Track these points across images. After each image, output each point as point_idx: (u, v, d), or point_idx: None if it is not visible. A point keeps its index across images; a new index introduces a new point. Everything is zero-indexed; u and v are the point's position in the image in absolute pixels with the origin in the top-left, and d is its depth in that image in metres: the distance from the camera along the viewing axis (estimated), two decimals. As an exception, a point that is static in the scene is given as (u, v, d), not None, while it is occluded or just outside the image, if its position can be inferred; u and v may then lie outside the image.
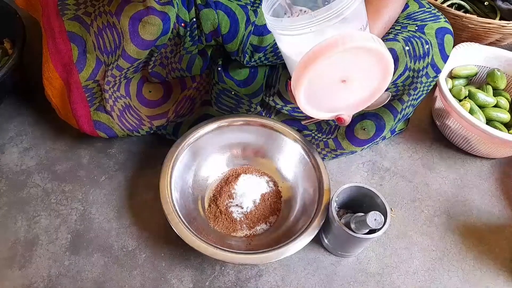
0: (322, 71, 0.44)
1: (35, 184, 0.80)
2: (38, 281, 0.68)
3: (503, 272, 0.73)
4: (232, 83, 0.73)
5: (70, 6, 0.66)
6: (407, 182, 0.85)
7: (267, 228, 0.73)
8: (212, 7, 0.66)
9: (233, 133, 0.78)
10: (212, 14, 0.65)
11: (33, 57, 0.89)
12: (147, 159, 0.85)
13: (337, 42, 0.42)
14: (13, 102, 0.92)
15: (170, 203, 0.66)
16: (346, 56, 0.43)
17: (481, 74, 0.98)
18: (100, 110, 0.74)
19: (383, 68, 0.47)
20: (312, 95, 0.49)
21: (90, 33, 0.67)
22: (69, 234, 0.73)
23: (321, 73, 0.44)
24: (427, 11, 0.75)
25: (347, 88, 0.49)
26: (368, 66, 0.47)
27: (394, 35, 0.71)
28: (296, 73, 0.45)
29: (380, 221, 0.59)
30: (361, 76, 0.48)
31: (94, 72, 0.70)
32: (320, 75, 0.44)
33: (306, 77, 0.44)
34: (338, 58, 0.43)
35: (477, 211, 0.81)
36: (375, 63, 0.46)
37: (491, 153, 0.86)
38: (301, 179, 0.76)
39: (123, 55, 0.66)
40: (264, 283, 0.69)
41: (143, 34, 0.64)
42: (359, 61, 0.45)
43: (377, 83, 0.49)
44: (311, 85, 0.46)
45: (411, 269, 0.73)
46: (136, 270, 0.70)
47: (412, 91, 0.73)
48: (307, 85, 0.46)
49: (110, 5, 0.65)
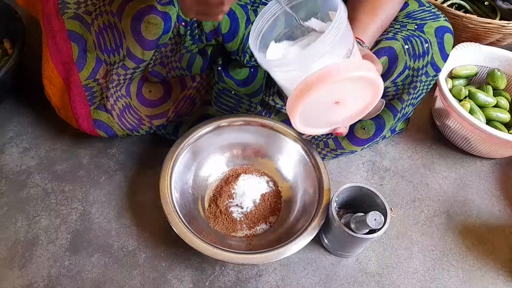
0: (315, 99, 0.45)
1: (35, 184, 0.80)
2: (38, 281, 0.68)
3: (503, 272, 0.73)
4: (232, 82, 0.73)
5: (70, 4, 0.66)
6: (407, 182, 0.85)
7: (267, 228, 0.73)
8: (212, 6, 0.66)
9: (233, 133, 0.78)
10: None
11: (33, 57, 0.89)
12: (147, 159, 0.85)
13: (328, 74, 0.43)
14: (13, 102, 0.92)
15: (170, 203, 0.66)
16: (338, 84, 0.45)
17: (481, 74, 0.98)
18: (100, 108, 0.74)
19: (374, 88, 0.49)
20: (308, 117, 0.50)
21: (91, 32, 0.67)
22: (69, 234, 0.73)
23: (315, 100, 0.46)
24: (426, 10, 0.75)
25: (341, 107, 0.50)
26: (360, 88, 0.48)
27: (394, 34, 0.71)
28: (290, 103, 0.47)
29: (380, 221, 0.59)
30: (354, 96, 0.50)
31: (94, 71, 0.70)
32: (313, 102, 0.46)
33: (299, 106, 0.46)
34: (330, 87, 0.44)
35: (477, 211, 0.81)
36: (366, 85, 0.48)
37: (491, 153, 0.86)
38: (301, 179, 0.76)
39: (128, 56, 0.66)
40: (264, 283, 0.69)
41: (146, 35, 0.64)
42: (350, 86, 0.47)
43: (370, 99, 0.51)
44: (305, 110, 0.47)
45: (411, 269, 0.73)
46: (136, 270, 0.70)
47: (412, 90, 0.73)
48: (302, 111, 0.47)
49: (111, 5, 0.65)
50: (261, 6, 0.68)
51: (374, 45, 0.70)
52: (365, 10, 0.68)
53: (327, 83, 0.43)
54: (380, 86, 0.48)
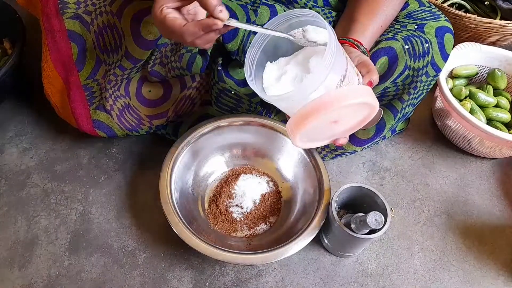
0: (314, 125, 0.47)
1: (35, 184, 0.80)
2: (37, 281, 0.68)
3: (503, 272, 0.73)
4: (232, 82, 0.73)
5: (70, 4, 0.66)
6: (407, 182, 0.85)
7: (267, 228, 0.73)
8: (212, 6, 0.66)
9: (233, 133, 0.78)
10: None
11: (33, 57, 0.89)
12: (147, 159, 0.85)
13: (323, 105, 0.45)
14: (13, 102, 0.92)
15: (170, 203, 0.66)
16: (334, 111, 0.46)
17: (481, 74, 0.98)
18: (99, 109, 0.74)
19: (370, 107, 0.50)
20: (307, 137, 0.52)
21: (90, 32, 0.67)
22: (68, 234, 0.73)
23: (312, 126, 0.47)
24: (427, 10, 0.75)
25: (339, 125, 0.52)
26: (356, 109, 0.50)
27: (394, 34, 0.71)
28: (289, 128, 0.49)
29: (381, 221, 0.59)
30: (351, 115, 0.52)
31: (94, 71, 0.70)
32: (311, 128, 0.47)
33: (299, 132, 0.47)
34: (326, 116, 0.46)
35: (478, 211, 0.81)
36: (362, 106, 0.49)
37: (491, 153, 0.86)
38: (301, 179, 0.76)
39: (126, 56, 0.66)
40: (264, 283, 0.69)
41: (145, 34, 0.64)
42: (347, 110, 0.48)
43: (366, 113, 0.52)
44: (304, 134, 0.49)
45: (411, 269, 0.72)
46: (136, 270, 0.70)
47: (412, 90, 0.73)
48: (301, 135, 0.49)
49: (111, 5, 0.65)
50: (262, 6, 0.68)
51: (374, 45, 0.70)
52: (365, 11, 0.67)
53: (322, 114, 0.45)
54: (376, 106, 0.50)
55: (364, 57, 0.58)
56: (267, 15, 0.68)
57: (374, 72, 0.55)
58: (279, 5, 0.70)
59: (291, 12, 0.51)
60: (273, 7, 0.69)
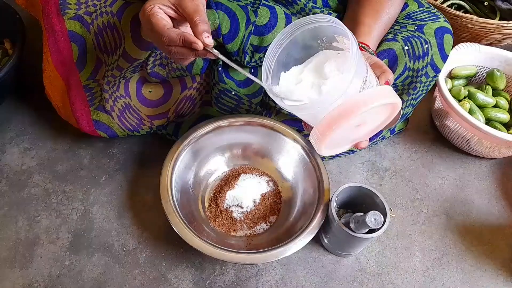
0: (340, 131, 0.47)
1: (36, 184, 0.80)
2: (38, 281, 0.68)
3: (502, 272, 0.73)
4: (232, 83, 0.73)
5: (71, 5, 0.66)
6: (406, 182, 0.85)
7: (267, 228, 0.73)
8: (212, 7, 0.66)
9: (233, 133, 0.78)
10: (213, 14, 0.65)
11: (33, 57, 0.89)
12: (148, 159, 0.85)
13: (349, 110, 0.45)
14: (13, 102, 0.93)
15: (171, 203, 0.66)
16: (363, 114, 0.46)
17: (480, 74, 0.98)
18: (100, 109, 0.74)
19: (393, 106, 0.50)
20: (331, 143, 0.51)
21: (91, 32, 0.67)
22: (69, 234, 0.74)
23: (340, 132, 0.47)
24: (426, 10, 0.75)
25: (362, 128, 0.52)
26: (379, 110, 0.50)
27: (394, 35, 0.71)
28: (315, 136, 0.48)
29: (380, 221, 0.60)
30: (375, 117, 0.52)
31: (95, 71, 0.70)
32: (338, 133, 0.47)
33: (326, 141, 0.47)
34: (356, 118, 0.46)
35: (477, 211, 0.81)
36: (385, 107, 0.49)
37: (490, 153, 0.86)
38: (301, 179, 0.76)
39: (123, 55, 0.66)
40: (264, 282, 0.70)
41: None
42: (373, 111, 0.48)
43: (389, 113, 0.52)
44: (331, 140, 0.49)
45: (410, 268, 0.73)
46: (137, 270, 0.70)
47: (411, 90, 0.73)
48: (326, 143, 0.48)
49: (112, 5, 0.65)
50: (261, 7, 0.68)
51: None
52: (369, 12, 0.68)
53: (350, 119, 0.45)
54: (399, 104, 0.49)
55: (375, 58, 0.59)
56: (267, 15, 0.68)
57: (389, 72, 0.55)
58: (279, 6, 0.70)
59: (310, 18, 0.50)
60: (272, 8, 0.69)
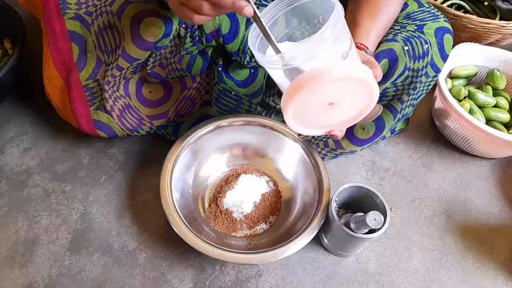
0: (307, 98, 0.46)
1: (36, 184, 0.80)
2: (38, 281, 0.68)
3: (502, 272, 0.73)
4: (232, 83, 0.73)
5: (71, 5, 0.66)
6: (406, 182, 0.85)
7: (267, 228, 0.73)
8: (212, 7, 0.66)
9: (233, 133, 0.78)
10: (213, 15, 0.65)
11: (33, 57, 0.89)
12: (148, 159, 0.85)
13: (319, 75, 0.43)
14: (13, 102, 0.93)
15: (171, 203, 0.66)
16: (330, 85, 0.45)
17: (480, 74, 0.98)
18: (100, 109, 0.74)
19: (369, 92, 0.49)
20: (302, 117, 0.51)
21: (91, 32, 0.67)
22: (69, 234, 0.74)
23: (307, 100, 0.46)
24: (426, 10, 0.75)
25: (335, 109, 0.50)
26: (354, 91, 0.48)
27: (394, 35, 0.71)
28: (282, 101, 0.48)
29: (380, 221, 0.59)
30: (348, 98, 0.50)
31: (95, 71, 0.70)
32: (306, 101, 0.46)
33: (291, 106, 0.46)
34: (322, 87, 0.44)
35: (477, 211, 0.81)
36: (360, 88, 0.48)
37: (490, 153, 0.86)
38: (301, 179, 0.76)
39: (123, 55, 0.66)
40: (264, 282, 0.70)
41: (146, 36, 0.63)
42: (343, 87, 0.47)
43: (365, 103, 0.51)
44: (299, 109, 0.48)
45: (410, 268, 0.73)
46: (137, 270, 0.70)
47: (411, 90, 0.73)
48: (295, 109, 0.48)
49: (112, 5, 0.65)
50: (261, 8, 0.68)
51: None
52: (367, 14, 0.68)
53: (317, 84, 0.43)
54: (375, 89, 0.48)
55: (369, 56, 0.59)
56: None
57: (378, 68, 0.56)
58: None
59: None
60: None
